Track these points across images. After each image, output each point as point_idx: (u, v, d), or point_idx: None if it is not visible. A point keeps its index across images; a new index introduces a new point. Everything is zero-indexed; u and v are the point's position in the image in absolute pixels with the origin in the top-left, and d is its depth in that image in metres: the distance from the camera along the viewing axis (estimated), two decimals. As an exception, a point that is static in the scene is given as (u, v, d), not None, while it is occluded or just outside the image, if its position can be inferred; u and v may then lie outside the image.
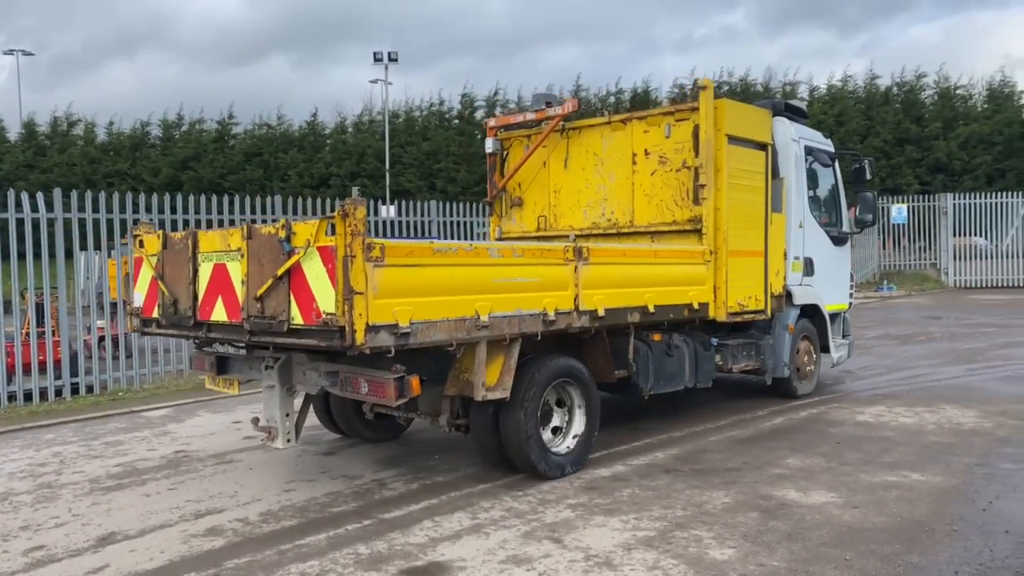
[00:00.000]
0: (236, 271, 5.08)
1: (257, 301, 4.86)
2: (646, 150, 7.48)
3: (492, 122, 8.69)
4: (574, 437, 5.92)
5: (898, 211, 28.71)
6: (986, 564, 3.99)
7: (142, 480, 5.93)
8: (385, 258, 4.52)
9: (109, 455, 6.71)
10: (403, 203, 13.83)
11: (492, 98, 40.44)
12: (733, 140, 7.09)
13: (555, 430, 5.88)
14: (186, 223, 10.57)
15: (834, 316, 8.95)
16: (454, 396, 5.45)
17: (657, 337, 6.71)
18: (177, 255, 5.61)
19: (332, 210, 11.88)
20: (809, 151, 8.48)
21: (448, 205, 14.72)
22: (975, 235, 27.80)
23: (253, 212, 11.42)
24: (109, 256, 10.30)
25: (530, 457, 5.52)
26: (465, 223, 14.86)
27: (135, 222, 10.02)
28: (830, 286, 8.81)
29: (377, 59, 37.35)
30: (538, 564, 4.15)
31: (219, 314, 5.25)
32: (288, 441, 5.48)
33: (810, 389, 8.56)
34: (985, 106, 35.72)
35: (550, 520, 4.81)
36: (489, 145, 8.59)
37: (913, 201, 29.07)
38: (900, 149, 34.45)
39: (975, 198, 27.67)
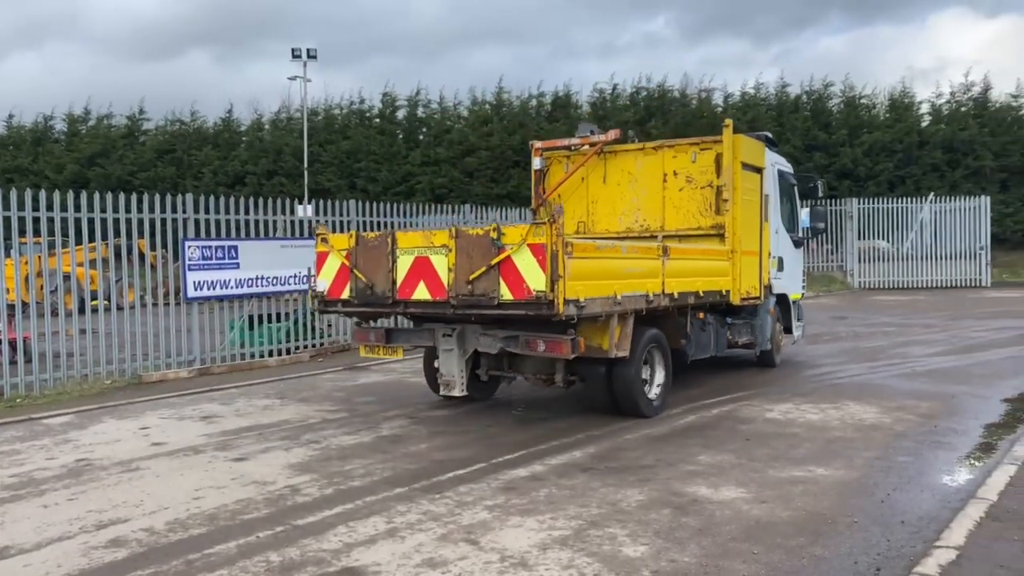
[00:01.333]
0: (441, 262, 6.77)
1: (468, 284, 6.55)
2: (675, 171, 9.32)
3: (538, 144, 10.36)
4: (658, 386, 7.78)
5: (805, 216, 29.77)
6: (883, 554, 4.17)
7: (40, 491, 5.65)
8: (574, 252, 6.35)
9: (4, 465, 6.36)
10: (321, 203, 13.59)
11: (414, 98, 40.22)
12: (744, 166, 9.11)
13: (644, 381, 7.55)
14: (91, 222, 10.14)
15: (794, 303, 11.19)
16: (576, 358, 6.76)
17: (701, 316, 8.71)
18: (374, 250, 7.22)
19: (246, 207, 11.66)
20: (780, 174, 10.54)
21: (369, 205, 14.53)
22: (878, 238, 29.13)
23: (163, 211, 11.04)
24: (7, 255, 9.77)
25: (638, 401, 7.41)
26: (386, 223, 14.70)
27: (35, 220, 9.58)
28: (791, 280, 10.98)
29: (296, 56, 36.60)
30: (453, 567, 4.14)
31: (421, 294, 6.92)
32: (463, 391, 7.30)
33: (779, 360, 10.63)
34: (887, 115, 37.40)
35: (467, 522, 4.80)
36: (537, 163, 10.21)
37: (821, 206, 30.17)
38: (809, 156, 35.73)
39: (878, 203, 28.96)
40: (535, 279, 6.25)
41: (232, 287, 11.67)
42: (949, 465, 5.90)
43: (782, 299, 10.66)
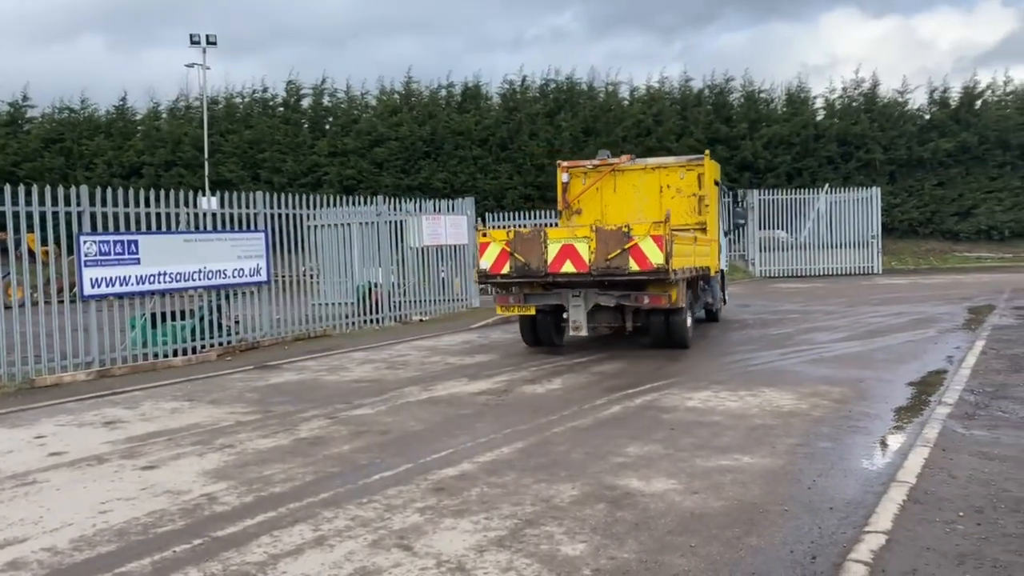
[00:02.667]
0: (583, 247, 10.31)
1: (606, 261, 10.14)
2: (668, 185, 13.05)
3: (564, 164, 13.92)
4: (691, 326, 11.72)
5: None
6: (816, 542, 4.23)
7: (-78, 511, 5.15)
8: (674, 241, 10.13)
9: None
10: (226, 194, 13.02)
11: (320, 87, 39.24)
12: (714, 182, 13.29)
13: (689, 320, 11.56)
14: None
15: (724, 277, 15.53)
16: (651, 309, 10.81)
17: (702, 281, 12.92)
18: (529, 239, 10.59)
19: (147, 200, 11.16)
20: (716, 182, 13.81)
21: (276, 197, 14.03)
22: (778, 229, 30.20)
23: (55, 204, 10.34)
24: None
25: (685, 337, 11.19)
26: (294, 216, 14.24)
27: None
28: (724, 258, 15.45)
29: (194, 42, 35.10)
30: (387, 575, 3.97)
31: (567, 268, 10.40)
32: (587, 332, 11.05)
33: (719, 317, 14.91)
34: (785, 109, 38.77)
35: (398, 527, 4.63)
36: (564, 178, 13.55)
37: (741, 207, 31.01)
38: (712, 148, 36.70)
39: (777, 194, 30.01)
40: (655, 257, 10.05)
41: (133, 284, 11.05)
42: (867, 449, 6.08)
43: (722, 273, 15.09)
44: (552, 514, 4.77)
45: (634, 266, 10.12)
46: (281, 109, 39.24)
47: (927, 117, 37.64)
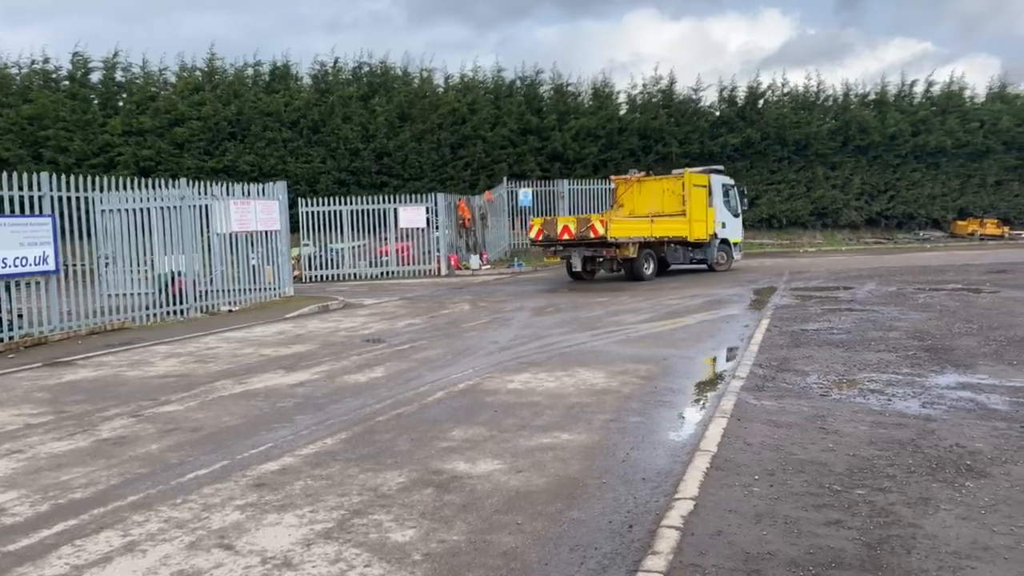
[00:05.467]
0: (572, 225, 20.14)
1: (580, 233, 19.90)
2: (666, 188, 22.78)
3: (614, 177, 24.76)
4: (650, 270, 21.33)
5: (524, 195, 31.46)
6: (632, 511, 4.50)
7: None
8: (611, 222, 20.15)
9: None
10: (4, 176, 11.73)
11: (112, 60, 36.14)
12: (694, 185, 22.37)
13: (644, 267, 21.01)
14: None
15: (736, 244, 24.64)
16: (625, 259, 20.64)
17: (672, 246, 22.10)
18: (549, 222, 20.88)
19: None
20: (723, 185, 23.94)
21: (63, 178, 12.81)
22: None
23: None
24: None
25: (641, 275, 20.83)
26: (86, 199, 13.08)
27: None
28: (734, 232, 24.51)
29: (-44, 2, 31.16)
30: (210, 576, 3.79)
31: (565, 237, 20.23)
32: (581, 274, 21.50)
33: (725, 269, 23.58)
34: (591, 103, 40.48)
35: (217, 526, 4.43)
36: (612, 185, 24.57)
37: (536, 186, 32.02)
38: (524, 138, 37.67)
39: (585, 184, 31.31)
40: (600, 230, 19.48)
41: None
42: (673, 422, 6.53)
43: (726, 241, 23.92)
44: (380, 502, 4.75)
45: (591, 235, 19.70)
46: (67, 83, 35.80)
47: (717, 114, 40.66)
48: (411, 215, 25.85)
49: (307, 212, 25.74)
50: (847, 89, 42.26)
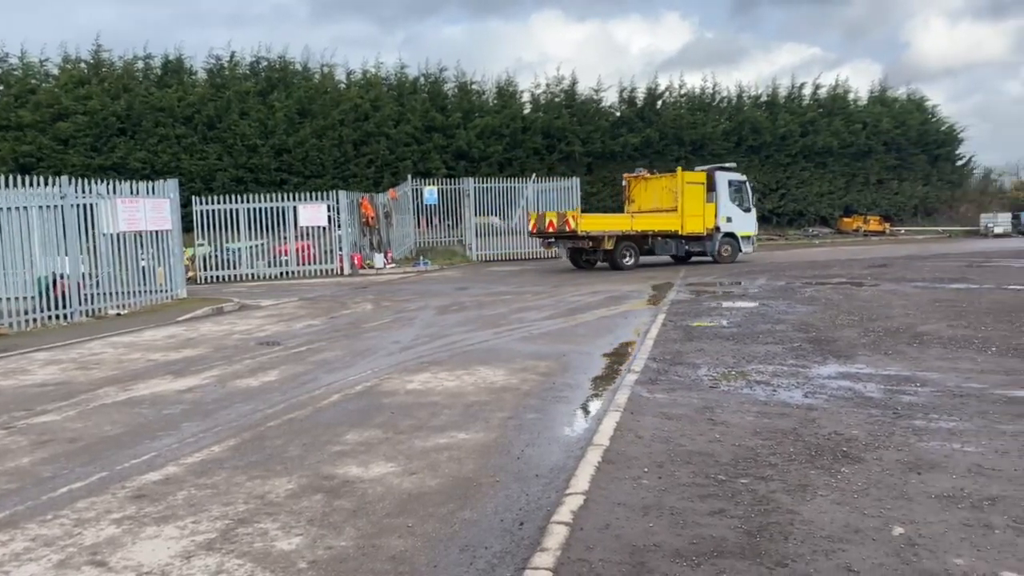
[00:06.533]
0: (555, 220, 23.47)
1: (560, 226, 23.15)
2: (663, 187, 24.80)
3: (626, 174, 26.45)
4: (629, 261, 23.65)
5: (430, 193, 31.26)
6: (524, 508, 4.51)
7: None
8: (580, 218, 23.40)
9: None
10: None
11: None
12: (689, 182, 24.36)
13: (623, 259, 23.62)
14: None
15: (747, 238, 25.79)
16: (605, 251, 23.38)
17: (661, 239, 24.19)
18: (541, 216, 24.31)
19: None
20: (730, 182, 25.33)
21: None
22: (491, 215, 31.61)
23: None
24: None
25: (620, 266, 23.35)
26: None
27: None
28: (742, 226, 25.41)
29: None
30: (78, 596, 3.59)
31: (550, 230, 23.57)
32: (569, 260, 25.23)
33: (730, 261, 25.02)
34: (496, 102, 40.63)
35: (90, 542, 4.20)
36: (624, 182, 26.33)
37: (442, 184, 31.87)
38: (429, 136, 37.47)
39: (490, 182, 31.36)
40: (573, 224, 22.78)
41: None
42: (569, 417, 6.60)
43: (732, 234, 25.15)
44: (267, 510, 4.61)
45: (567, 229, 22.93)
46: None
47: (618, 114, 41.48)
48: (312, 213, 25.29)
49: (202, 211, 24.82)
50: (741, 91, 43.94)
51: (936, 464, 4.95)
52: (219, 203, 24.96)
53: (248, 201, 25.17)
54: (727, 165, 27.39)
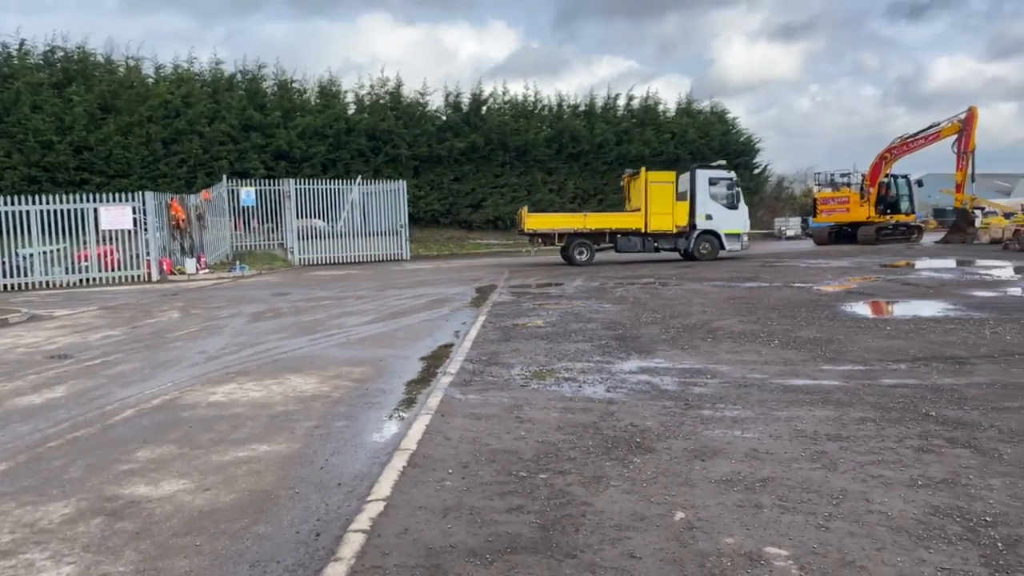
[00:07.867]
0: (521, 217, 25.82)
1: (520, 224, 25.79)
2: (638, 186, 26.00)
3: (623, 176, 28.71)
4: (583, 257, 25.43)
5: (247, 194, 30.01)
6: (322, 519, 4.40)
7: None
8: (528, 216, 25.79)
9: None
10: None
11: None
12: (655, 182, 25.52)
13: (579, 254, 25.42)
14: None
15: (733, 235, 25.59)
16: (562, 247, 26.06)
17: (625, 236, 25.54)
18: (520, 214, 26.38)
19: None
20: (711, 179, 25.70)
21: None
22: (314, 218, 30.82)
23: None
24: None
25: (574, 261, 25.27)
26: None
27: None
28: (726, 224, 25.43)
29: None
30: None
31: (520, 227, 25.94)
32: (534, 252, 29.39)
33: (710, 259, 25.09)
34: (318, 101, 39.65)
35: None
36: (623, 182, 28.87)
37: (261, 185, 30.70)
38: (247, 135, 35.96)
39: (313, 184, 30.58)
40: (523, 222, 25.43)
41: None
42: (379, 423, 6.52)
43: (712, 232, 25.32)
44: (36, 539, 4.21)
45: (521, 227, 25.32)
46: None
47: (444, 118, 41.71)
48: (115, 216, 23.54)
49: (-15, 213, 22.46)
50: (561, 100, 45.40)
51: (718, 451, 5.31)
52: (8, 204, 22.72)
53: (41, 202, 23.07)
54: (713, 164, 28.11)
